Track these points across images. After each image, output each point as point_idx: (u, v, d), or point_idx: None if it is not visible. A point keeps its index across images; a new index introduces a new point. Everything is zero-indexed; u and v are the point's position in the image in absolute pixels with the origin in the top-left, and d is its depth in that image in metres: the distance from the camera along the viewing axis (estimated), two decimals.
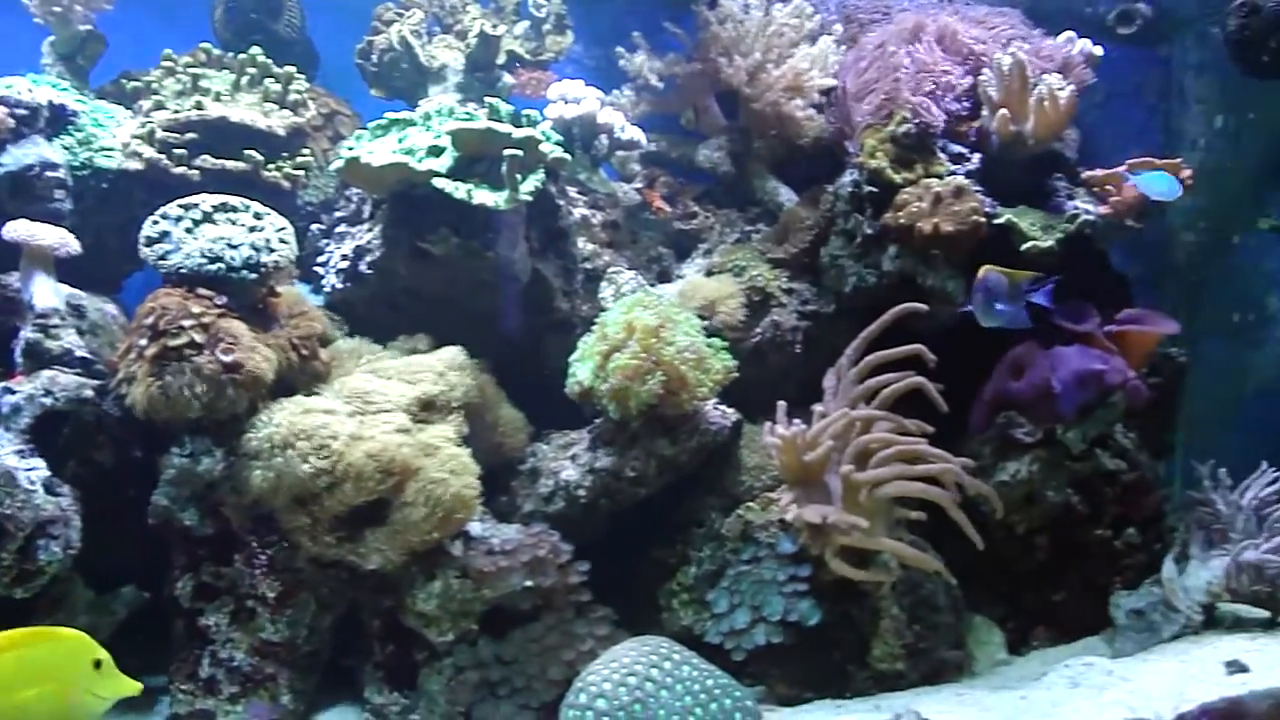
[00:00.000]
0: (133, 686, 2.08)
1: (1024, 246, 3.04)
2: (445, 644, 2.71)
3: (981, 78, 3.21)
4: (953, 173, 3.14)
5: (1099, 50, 3.46)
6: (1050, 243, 3.05)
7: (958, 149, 3.23)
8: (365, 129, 3.23)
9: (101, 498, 2.81)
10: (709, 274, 3.38)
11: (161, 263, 2.81)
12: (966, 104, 3.27)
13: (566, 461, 3.03)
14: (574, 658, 2.67)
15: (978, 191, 3.09)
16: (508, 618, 2.75)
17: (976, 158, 3.22)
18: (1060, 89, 3.10)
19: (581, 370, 2.94)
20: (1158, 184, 3.08)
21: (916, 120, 3.14)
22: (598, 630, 2.75)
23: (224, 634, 2.79)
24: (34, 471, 2.61)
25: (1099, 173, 3.23)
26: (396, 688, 2.80)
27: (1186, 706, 2.21)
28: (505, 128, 3.01)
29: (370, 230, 3.23)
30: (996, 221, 3.08)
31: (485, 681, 2.72)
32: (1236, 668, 2.39)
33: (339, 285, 3.28)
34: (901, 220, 3.05)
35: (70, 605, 2.75)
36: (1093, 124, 4.07)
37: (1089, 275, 3.23)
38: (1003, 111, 3.11)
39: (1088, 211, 3.15)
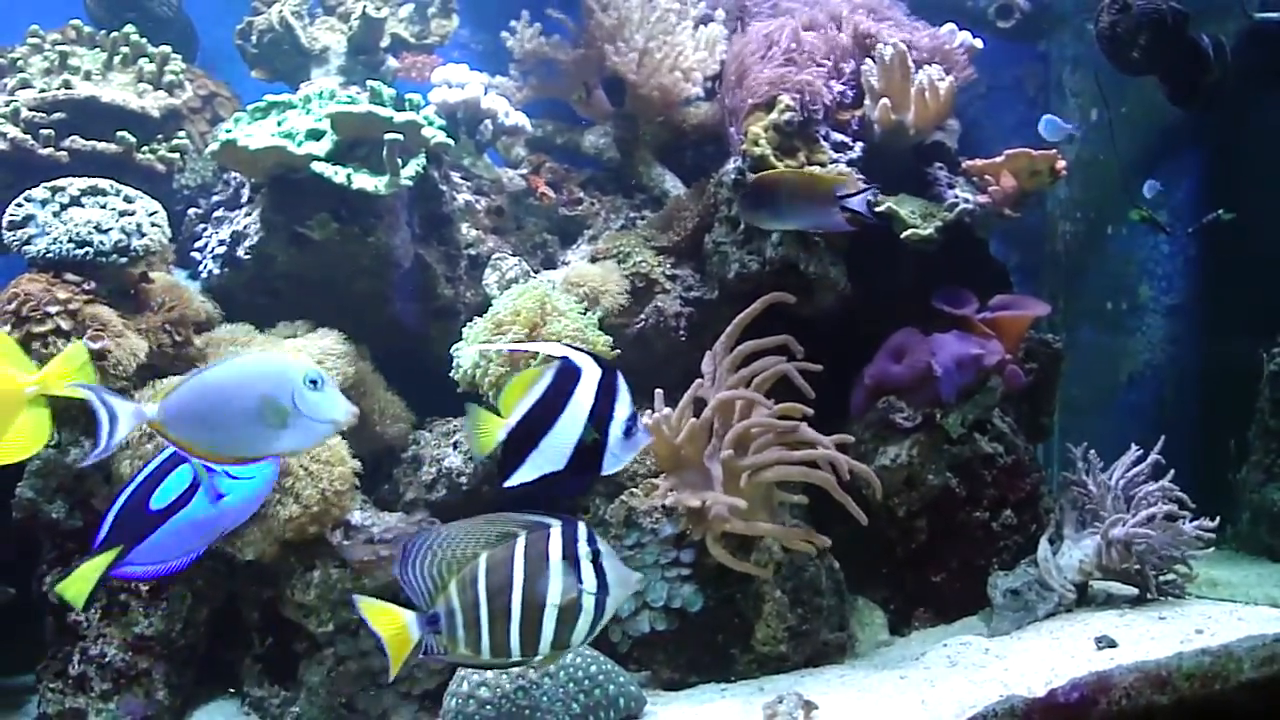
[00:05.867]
0: None
1: (904, 234, 3.08)
2: (326, 634, 2.67)
3: (864, 67, 3.24)
4: (835, 161, 3.17)
5: (979, 43, 3.53)
6: (930, 230, 3.09)
7: (840, 137, 3.26)
8: (244, 111, 3.16)
9: None
10: (593, 260, 3.36)
11: (26, 248, 2.73)
12: (850, 92, 3.30)
13: (449, 449, 3.00)
14: None
15: (860, 179, 3.11)
16: None
17: (859, 146, 3.25)
18: (940, 79, 3.14)
19: (464, 358, 2.91)
20: None
21: (801, 106, 3.16)
22: None
23: (95, 629, 2.71)
24: None
25: (979, 162, 3.29)
26: (276, 680, 2.76)
27: (1057, 682, 2.25)
28: (386, 111, 2.97)
29: (248, 215, 3.16)
30: (878, 209, 3.10)
31: (367, 671, 2.68)
32: (1106, 643, 2.46)
33: (216, 271, 3.20)
34: None
35: None
36: (974, 116, 4.16)
37: (969, 263, 3.29)
38: (884, 101, 3.15)
39: (967, 200, 3.20)
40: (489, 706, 2.31)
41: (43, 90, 3.21)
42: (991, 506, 3.11)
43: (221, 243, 3.20)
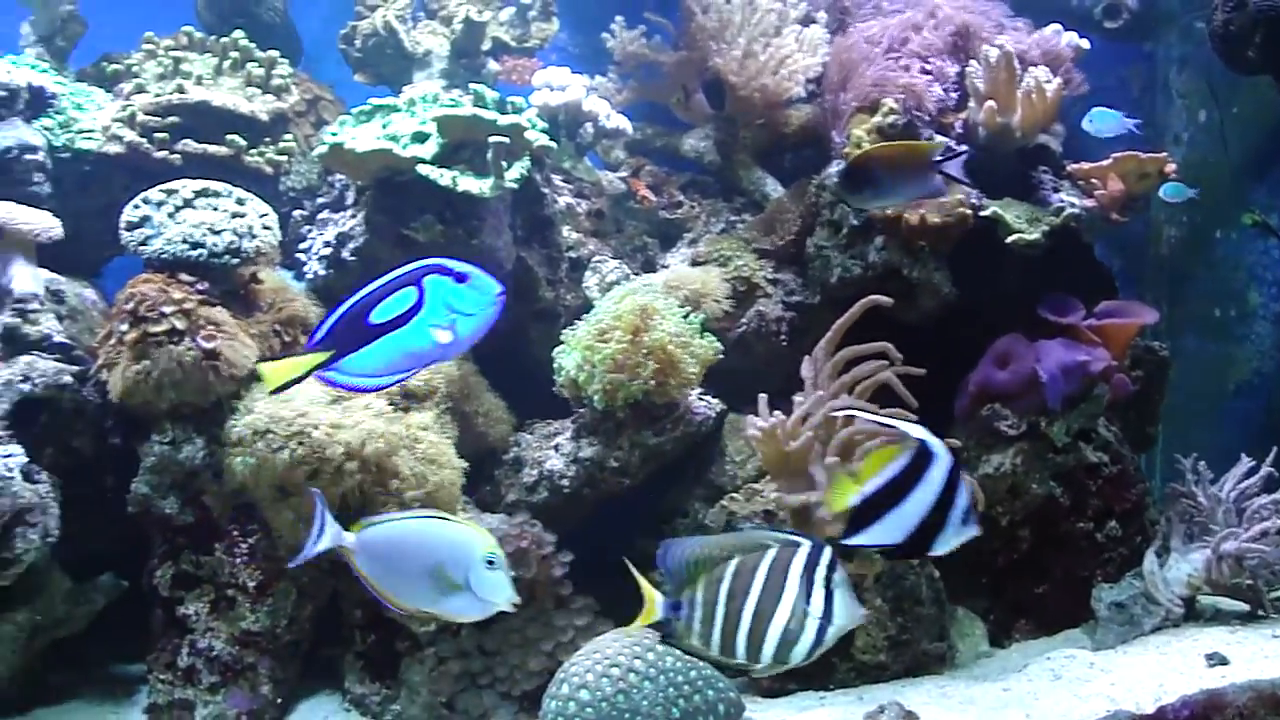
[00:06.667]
0: None
1: (1009, 239, 3.03)
2: (427, 634, 2.71)
3: (969, 69, 3.19)
4: None
5: (1085, 43, 3.46)
6: (1036, 235, 3.04)
7: (944, 140, 3.22)
8: (349, 115, 3.20)
9: (80, 485, 2.79)
10: (694, 264, 3.37)
11: (142, 248, 2.79)
12: (954, 95, 3.26)
13: (550, 451, 3.01)
14: (554, 648, 2.67)
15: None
16: None
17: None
18: (1047, 82, 3.09)
19: (567, 361, 2.92)
20: None
21: (905, 108, 3.12)
22: (578, 621, 2.74)
23: (203, 623, 2.77)
24: (11, 459, 2.58)
25: (1084, 166, 3.23)
26: (377, 678, 2.79)
27: (1167, 699, 2.20)
28: (491, 114, 2.99)
29: (353, 217, 3.20)
30: (983, 214, 3.07)
31: (467, 672, 2.71)
32: (1217, 660, 2.41)
33: (322, 272, 3.24)
34: (888, 211, 3.04)
35: (48, 593, 2.73)
36: (1077, 118, 4.08)
37: (1074, 268, 3.23)
38: (990, 103, 3.10)
39: (1073, 205, 3.14)
40: (589, 709, 2.31)
41: (157, 95, 3.28)
42: (1096, 517, 3.06)
43: (327, 244, 3.24)
